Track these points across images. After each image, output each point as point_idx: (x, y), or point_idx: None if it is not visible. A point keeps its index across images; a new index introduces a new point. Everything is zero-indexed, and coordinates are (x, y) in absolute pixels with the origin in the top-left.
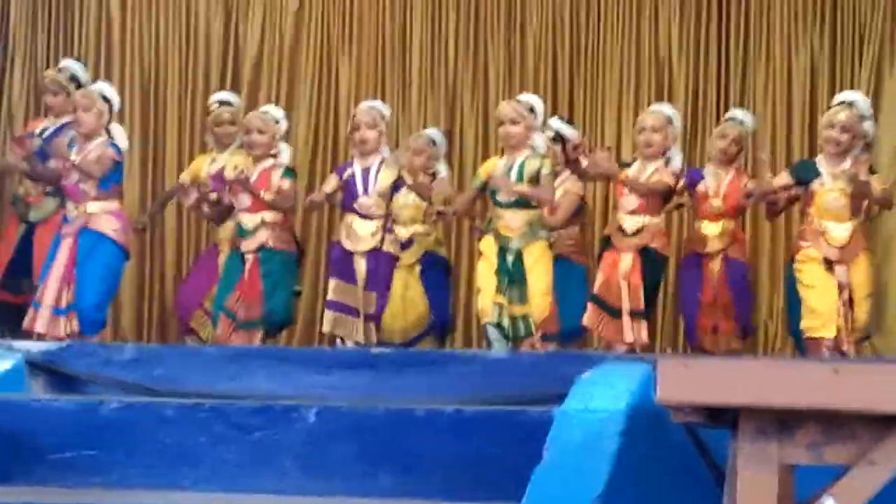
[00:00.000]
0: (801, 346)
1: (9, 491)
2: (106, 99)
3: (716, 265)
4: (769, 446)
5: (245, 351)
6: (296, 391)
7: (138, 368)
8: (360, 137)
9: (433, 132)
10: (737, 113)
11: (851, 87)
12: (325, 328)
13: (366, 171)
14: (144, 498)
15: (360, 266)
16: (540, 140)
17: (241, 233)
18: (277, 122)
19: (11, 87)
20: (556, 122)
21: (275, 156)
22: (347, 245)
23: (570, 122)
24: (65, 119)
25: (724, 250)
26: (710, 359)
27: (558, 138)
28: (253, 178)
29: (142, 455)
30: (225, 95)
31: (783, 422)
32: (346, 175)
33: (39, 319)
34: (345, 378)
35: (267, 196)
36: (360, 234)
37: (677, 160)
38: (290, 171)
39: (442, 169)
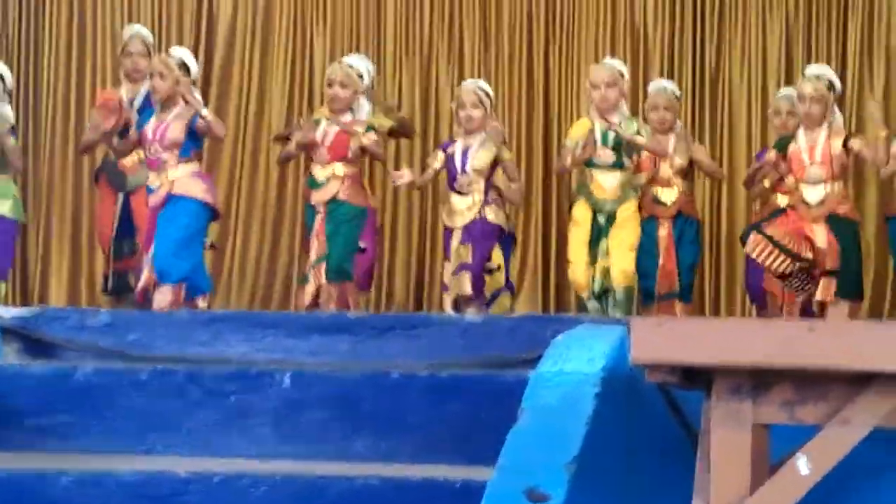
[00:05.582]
0: None
1: None
2: (183, 65)
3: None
4: (743, 405)
5: (219, 315)
6: (272, 356)
7: (112, 333)
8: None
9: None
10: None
11: (827, 52)
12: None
13: (465, 151)
14: (119, 462)
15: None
16: (625, 106)
17: (312, 184)
18: (361, 76)
19: None
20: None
21: (353, 111)
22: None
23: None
24: (145, 85)
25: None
26: (684, 318)
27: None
28: (332, 135)
29: (116, 420)
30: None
31: (757, 381)
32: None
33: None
34: (322, 342)
35: (364, 140)
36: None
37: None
38: (370, 129)
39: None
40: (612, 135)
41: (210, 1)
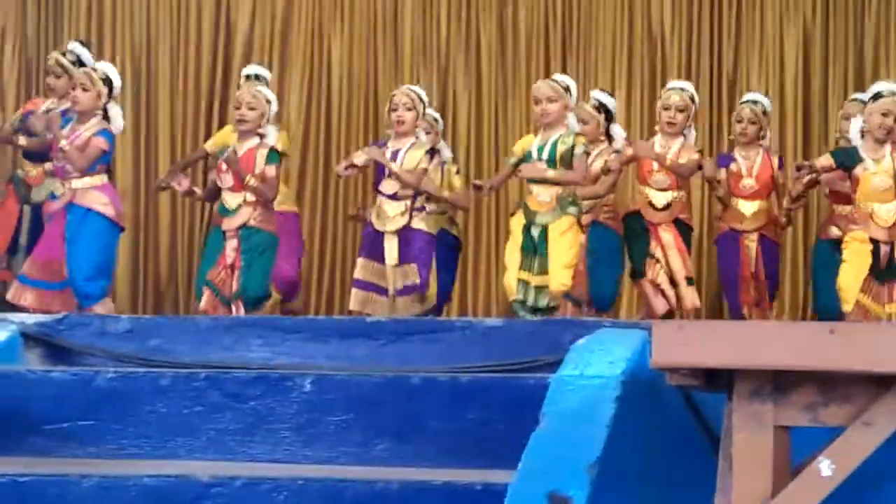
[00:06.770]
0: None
1: (5, 461)
2: (107, 80)
3: (752, 243)
4: (764, 408)
5: (241, 321)
6: (292, 360)
7: (134, 339)
8: (397, 118)
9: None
10: (753, 95)
11: (844, 52)
12: (353, 307)
13: (395, 153)
14: (140, 468)
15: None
16: (574, 119)
17: (223, 212)
18: (269, 101)
19: (2, 65)
20: (597, 94)
21: (262, 136)
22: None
23: (611, 94)
24: (68, 103)
25: (760, 229)
26: (705, 321)
27: (600, 109)
28: (238, 156)
29: (137, 425)
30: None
31: (778, 383)
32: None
33: (27, 294)
34: (342, 347)
35: (251, 182)
36: (390, 214)
37: (692, 136)
38: (275, 155)
39: (445, 150)
40: (547, 149)
41: (228, 12)
